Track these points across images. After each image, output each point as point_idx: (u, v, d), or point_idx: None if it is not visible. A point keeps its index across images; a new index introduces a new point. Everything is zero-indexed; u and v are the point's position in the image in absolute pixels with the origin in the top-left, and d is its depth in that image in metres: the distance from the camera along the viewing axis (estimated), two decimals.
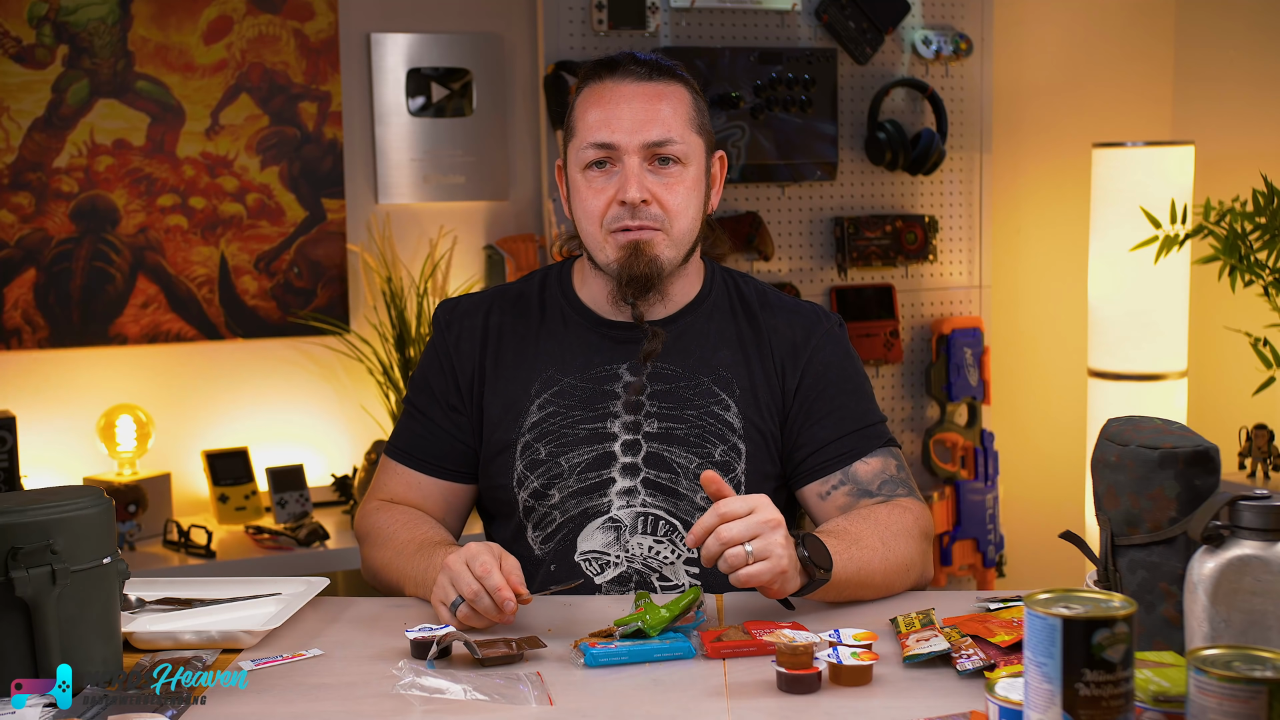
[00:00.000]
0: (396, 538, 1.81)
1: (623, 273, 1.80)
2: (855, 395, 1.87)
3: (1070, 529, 1.52)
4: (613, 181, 1.78)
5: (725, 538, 1.53)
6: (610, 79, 1.80)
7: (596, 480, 1.81)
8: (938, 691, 1.40)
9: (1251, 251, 2.85)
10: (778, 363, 1.86)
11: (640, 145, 1.77)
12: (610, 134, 1.77)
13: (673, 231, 1.80)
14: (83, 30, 3.00)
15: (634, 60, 1.81)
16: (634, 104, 1.78)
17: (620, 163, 1.78)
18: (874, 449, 1.84)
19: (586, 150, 1.79)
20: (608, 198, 1.78)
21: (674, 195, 1.79)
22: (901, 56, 3.42)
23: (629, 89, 1.79)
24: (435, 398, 1.89)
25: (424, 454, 1.89)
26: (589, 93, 1.82)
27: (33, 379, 3.03)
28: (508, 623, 1.59)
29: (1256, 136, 3.53)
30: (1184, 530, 1.36)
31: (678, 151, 1.79)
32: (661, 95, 1.80)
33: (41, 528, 1.39)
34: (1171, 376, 3.35)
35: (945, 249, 3.50)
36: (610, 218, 1.78)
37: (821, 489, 1.83)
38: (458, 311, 1.92)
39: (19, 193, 2.99)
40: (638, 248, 1.78)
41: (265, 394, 3.19)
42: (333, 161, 3.19)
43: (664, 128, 1.78)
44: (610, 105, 1.78)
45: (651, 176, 1.78)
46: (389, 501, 1.90)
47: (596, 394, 1.84)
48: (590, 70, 1.84)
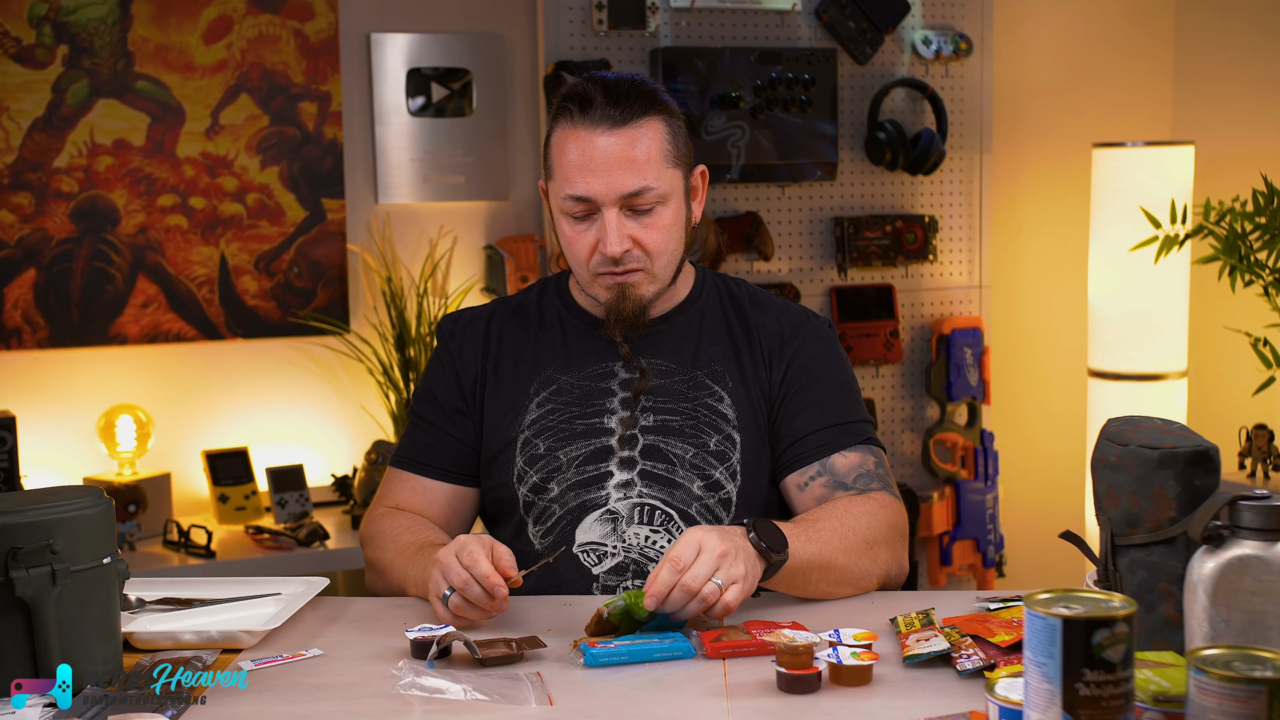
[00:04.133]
0: (399, 540, 1.83)
1: (610, 312, 1.85)
2: (839, 391, 1.90)
3: (1070, 529, 1.52)
4: (593, 230, 1.81)
5: (693, 586, 1.53)
6: (582, 125, 1.78)
7: (594, 473, 1.83)
8: (938, 691, 1.40)
9: (1251, 251, 2.85)
10: (766, 356, 1.90)
11: (617, 198, 1.78)
12: (587, 188, 1.78)
13: (655, 269, 1.84)
14: (83, 30, 3.00)
15: (606, 98, 1.78)
16: (608, 155, 1.77)
17: (599, 213, 1.79)
18: (853, 444, 1.86)
19: (566, 201, 1.80)
20: (590, 244, 1.81)
21: (654, 235, 1.81)
22: (901, 56, 3.42)
23: (602, 140, 1.77)
24: (439, 405, 1.93)
25: (428, 459, 1.92)
26: (561, 136, 1.81)
27: (33, 379, 3.03)
28: (501, 610, 1.60)
29: (1256, 136, 3.53)
30: (1184, 530, 1.36)
31: (655, 196, 1.80)
32: (635, 140, 1.78)
33: (41, 528, 1.39)
34: (1171, 376, 3.35)
35: (945, 249, 3.50)
36: (594, 263, 1.82)
37: (800, 480, 1.85)
38: (460, 322, 1.97)
39: (19, 193, 2.99)
40: (623, 290, 1.83)
41: (265, 394, 3.19)
42: (333, 161, 3.19)
43: (639, 176, 1.78)
44: (585, 157, 1.78)
45: (631, 222, 1.80)
46: (394, 509, 1.91)
47: (593, 391, 1.87)
48: (563, 104, 1.81)
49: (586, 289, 1.87)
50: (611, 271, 1.81)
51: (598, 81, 1.80)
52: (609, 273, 1.81)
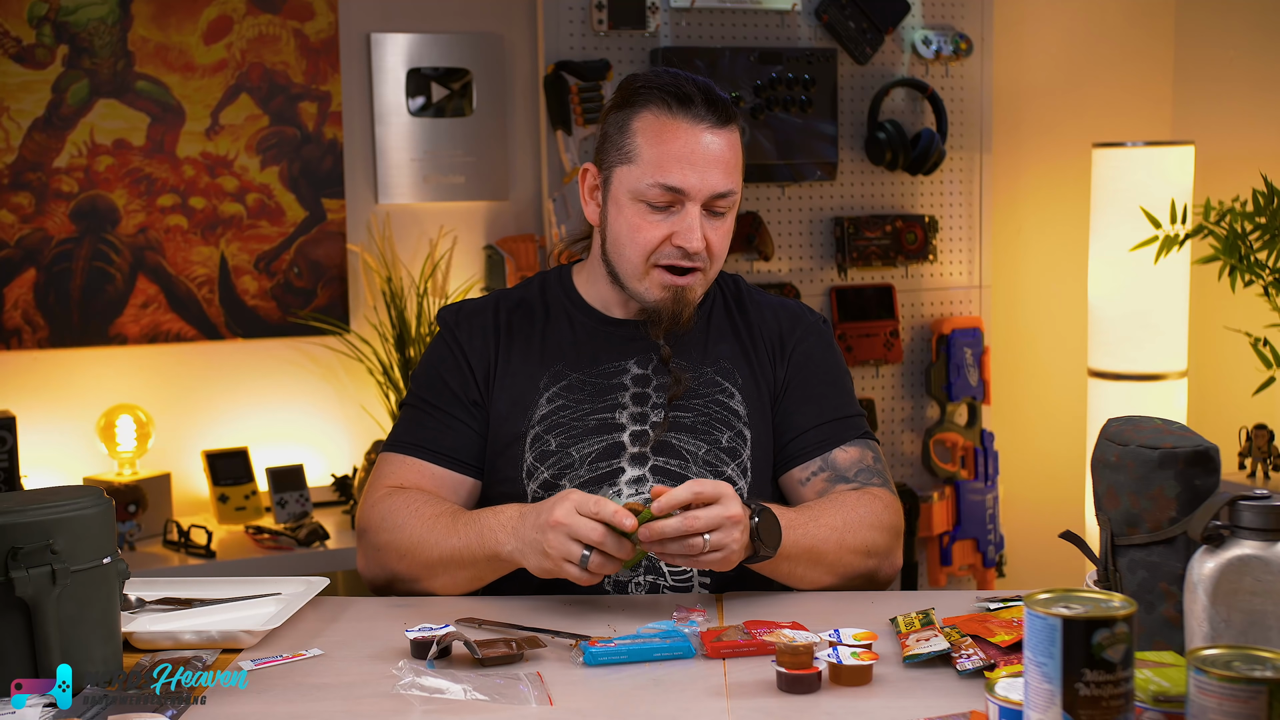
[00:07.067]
0: (423, 512, 1.76)
1: (661, 311, 1.84)
2: (836, 387, 1.92)
3: (1070, 529, 1.52)
4: (669, 221, 1.80)
5: (690, 524, 1.56)
6: (684, 118, 1.79)
7: (607, 470, 1.83)
8: (938, 691, 1.40)
9: (1251, 251, 2.85)
10: (769, 354, 1.91)
11: (708, 195, 1.79)
12: (683, 180, 1.78)
13: (710, 271, 1.85)
14: (83, 30, 3.00)
15: (706, 101, 1.79)
16: (709, 152, 1.78)
17: (682, 206, 1.79)
18: (853, 438, 1.88)
19: (652, 189, 1.79)
20: (662, 234, 1.80)
21: (721, 238, 1.83)
22: (901, 56, 3.42)
23: (705, 137, 1.78)
24: (454, 393, 1.87)
25: (441, 446, 1.85)
26: (657, 124, 1.79)
27: (33, 379, 3.03)
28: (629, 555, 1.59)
29: (1256, 136, 3.53)
30: (1184, 530, 1.36)
31: (732, 200, 1.83)
32: (732, 143, 1.81)
33: (41, 528, 1.39)
34: (1171, 376, 3.35)
35: (945, 249, 3.50)
36: (661, 254, 1.81)
37: (801, 475, 1.87)
38: (463, 313, 1.93)
39: (19, 193, 2.99)
40: (679, 293, 1.83)
41: (265, 394, 3.19)
42: (333, 161, 3.20)
43: (730, 178, 1.80)
44: (685, 150, 1.78)
45: (706, 222, 1.81)
46: (397, 488, 1.83)
47: (605, 388, 1.86)
48: (657, 96, 1.80)
49: (632, 281, 1.84)
50: (676, 266, 1.81)
51: (684, 78, 1.81)
52: (671, 269, 1.81)
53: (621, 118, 1.83)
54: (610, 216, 1.84)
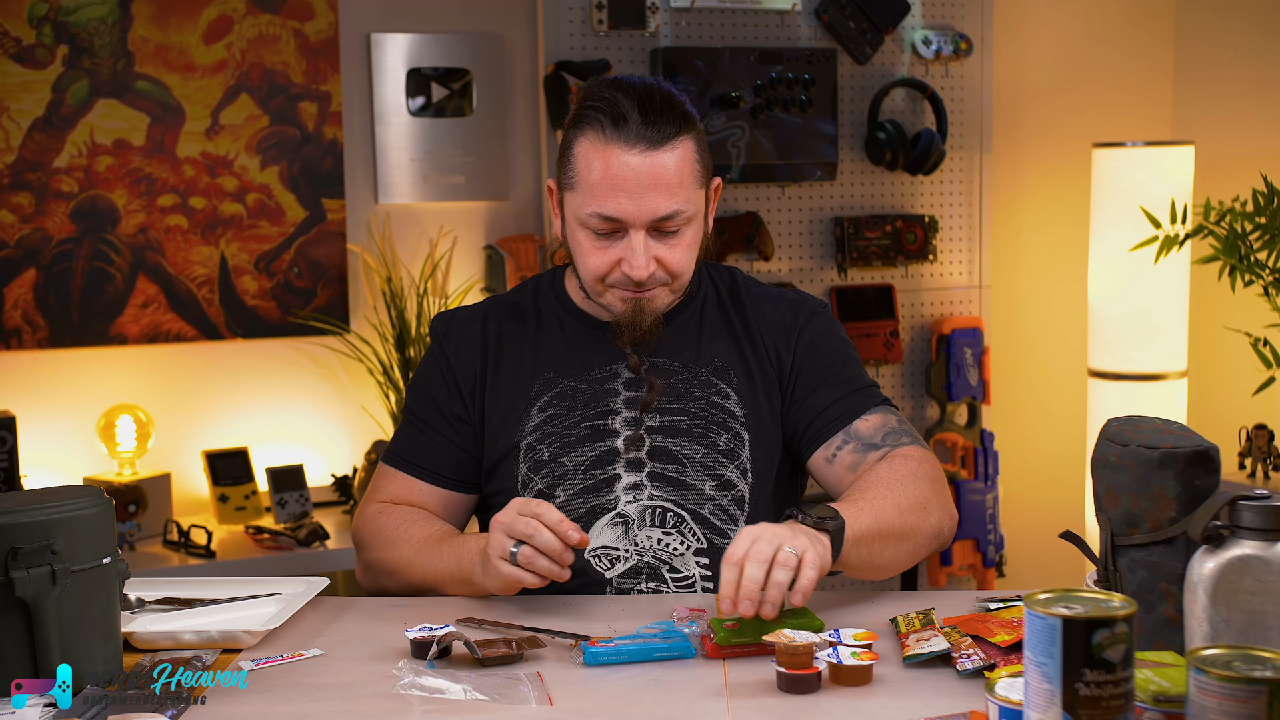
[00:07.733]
0: (411, 536, 1.79)
1: (624, 323, 1.81)
2: (847, 362, 1.89)
3: (1070, 529, 1.52)
4: (616, 248, 1.76)
5: (762, 556, 1.49)
6: (618, 143, 1.72)
7: (601, 477, 1.81)
8: (938, 691, 1.40)
9: (1251, 251, 2.85)
10: (770, 347, 1.88)
11: (647, 221, 1.74)
12: (617, 209, 1.73)
13: (675, 284, 1.81)
14: (83, 30, 3.00)
15: (641, 118, 1.72)
16: (642, 178, 1.72)
17: (624, 232, 1.75)
18: (871, 406, 1.84)
19: (592, 218, 1.75)
20: (610, 261, 1.77)
21: (678, 254, 1.78)
22: (901, 56, 3.42)
23: (636, 161, 1.71)
24: (439, 409, 1.88)
25: (425, 462, 1.88)
26: (592, 150, 1.73)
27: (33, 379, 3.03)
28: (569, 562, 1.59)
29: (1256, 136, 3.53)
30: (1184, 530, 1.36)
31: (683, 218, 1.77)
32: (669, 164, 1.73)
33: (41, 528, 1.39)
34: (1171, 376, 3.35)
35: (945, 249, 3.50)
36: (613, 279, 1.79)
37: (826, 452, 1.83)
38: (455, 322, 1.92)
39: (19, 193, 2.99)
40: (640, 305, 1.80)
41: (265, 394, 3.20)
42: (333, 161, 3.20)
43: (671, 200, 1.74)
44: (618, 177, 1.72)
45: (656, 243, 1.76)
46: (390, 504, 1.88)
47: (596, 394, 1.84)
48: (592, 117, 1.73)
49: (596, 299, 1.83)
50: (630, 288, 1.78)
51: (629, 92, 1.74)
52: (627, 289, 1.79)
53: (567, 139, 1.78)
54: (567, 236, 1.82)
